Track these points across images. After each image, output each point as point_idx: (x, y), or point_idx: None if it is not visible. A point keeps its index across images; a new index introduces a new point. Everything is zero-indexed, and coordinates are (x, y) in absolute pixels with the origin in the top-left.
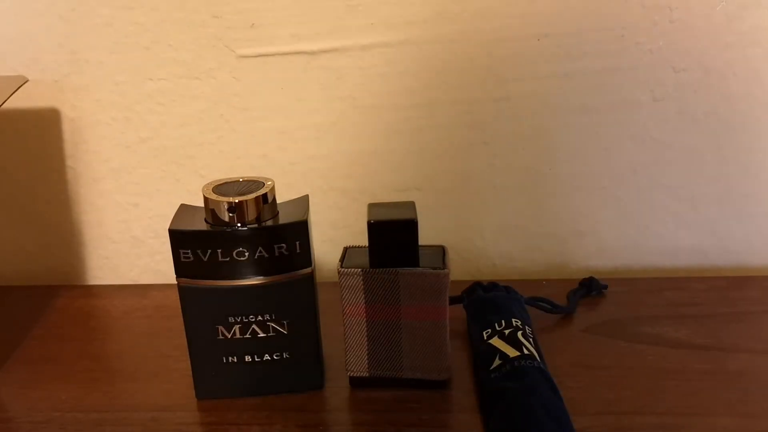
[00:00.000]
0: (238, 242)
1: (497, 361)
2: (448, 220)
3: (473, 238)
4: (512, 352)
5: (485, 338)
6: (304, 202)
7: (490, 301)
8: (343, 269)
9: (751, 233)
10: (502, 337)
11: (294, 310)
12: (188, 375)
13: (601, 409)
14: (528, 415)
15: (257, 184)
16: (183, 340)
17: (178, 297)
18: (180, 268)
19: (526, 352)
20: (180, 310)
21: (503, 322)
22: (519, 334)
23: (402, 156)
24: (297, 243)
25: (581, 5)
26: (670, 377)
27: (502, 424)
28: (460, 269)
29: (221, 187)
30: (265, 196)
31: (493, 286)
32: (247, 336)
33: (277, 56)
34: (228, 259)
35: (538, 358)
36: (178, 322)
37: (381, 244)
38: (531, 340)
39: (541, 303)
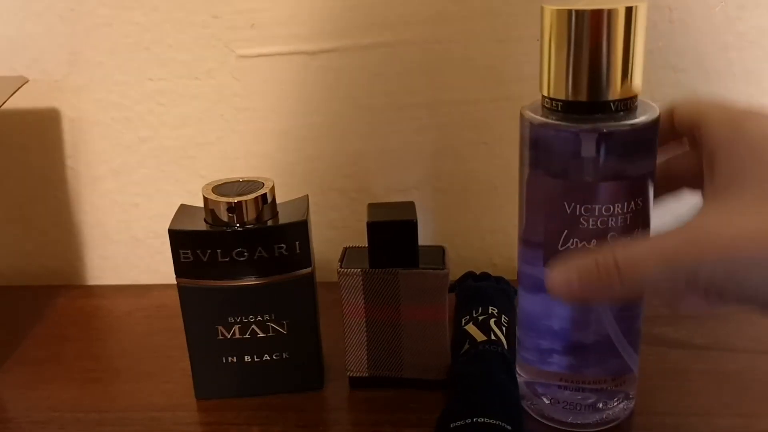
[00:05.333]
0: (237, 242)
1: (466, 346)
2: (448, 220)
3: (473, 238)
4: (480, 337)
5: (462, 324)
6: (303, 202)
7: (476, 290)
8: (342, 269)
9: None
10: (475, 323)
11: (294, 310)
12: (188, 375)
13: None
14: (477, 397)
15: (257, 184)
16: (183, 340)
17: (178, 297)
18: (180, 268)
19: (493, 338)
20: (180, 310)
21: (480, 309)
22: (492, 321)
23: (402, 156)
24: (297, 243)
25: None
26: (669, 377)
27: (454, 405)
28: (460, 269)
29: (221, 187)
30: (264, 196)
31: (485, 275)
32: (247, 336)
33: (277, 56)
34: (228, 259)
35: (505, 346)
36: (178, 322)
37: (380, 244)
38: (504, 328)
39: None
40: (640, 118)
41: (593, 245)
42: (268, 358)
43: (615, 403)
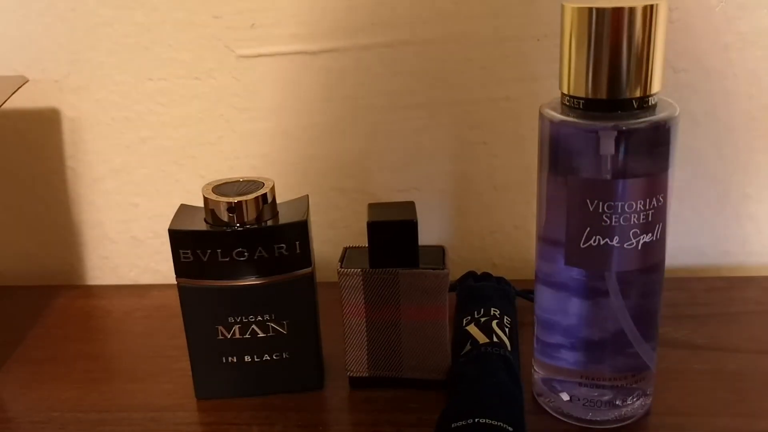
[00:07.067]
0: (237, 242)
1: (468, 347)
2: (448, 220)
3: (473, 238)
4: (482, 339)
5: (463, 325)
6: (303, 202)
7: (477, 290)
8: (342, 269)
9: (750, 233)
10: (477, 324)
11: (294, 310)
12: (188, 375)
13: None
14: (479, 397)
15: (257, 184)
16: (183, 340)
17: (178, 297)
18: (180, 268)
19: (495, 340)
20: (180, 310)
21: (482, 310)
22: (494, 323)
23: (402, 156)
24: (297, 243)
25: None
26: (670, 377)
27: (456, 405)
28: (460, 269)
29: (221, 187)
30: (264, 196)
31: (485, 276)
32: (247, 336)
33: (277, 56)
34: (228, 259)
35: (508, 348)
36: (178, 322)
37: (381, 244)
38: (507, 330)
39: (532, 295)
40: (660, 115)
41: (615, 242)
42: (268, 358)
43: (632, 400)
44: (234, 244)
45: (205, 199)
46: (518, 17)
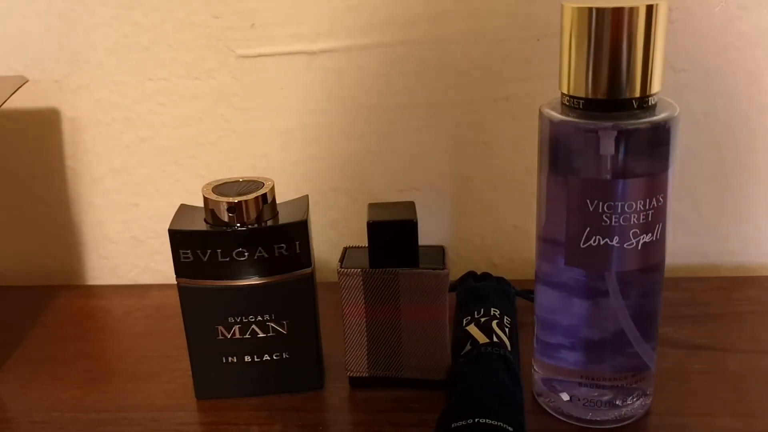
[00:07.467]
0: (237, 242)
1: (468, 347)
2: (448, 220)
3: (473, 238)
4: (483, 339)
5: (463, 325)
6: (303, 202)
7: (477, 290)
8: (342, 269)
9: (750, 233)
10: (477, 324)
11: (294, 310)
12: (188, 375)
13: None
14: (479, 397)
15: (257, 184)
16: (183, 340)
17: (178, 297)
18: (180, 268)
19: (495, 340)
20: (180, 310)
21: (482, 310)
22: (494, 323)
23: (402, 156)
24: (297, 243)
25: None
26: (670, 377)
27: (456, 405)
28: (460, 269)
29: (221, 187)
30: (264, 196)
31: (485, 276)
32: (247, 336)
33: (277, 56)
34: (228, 259)
35: (508, 348)
36: (178, 322)
37: (380, 244)
38: (507, 330)
39: (532, 295)
40: (660, 115)
41: (615, 242)
42: (268, 358)
43: (632, 400)
44: (234, 244)
45: (205, 199)
46: (518, 17)
